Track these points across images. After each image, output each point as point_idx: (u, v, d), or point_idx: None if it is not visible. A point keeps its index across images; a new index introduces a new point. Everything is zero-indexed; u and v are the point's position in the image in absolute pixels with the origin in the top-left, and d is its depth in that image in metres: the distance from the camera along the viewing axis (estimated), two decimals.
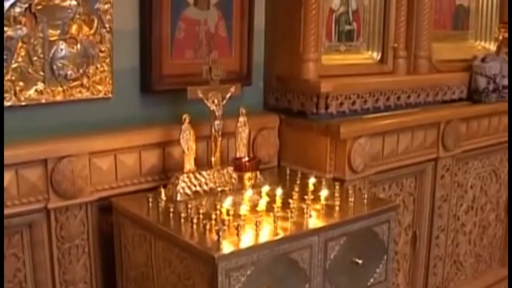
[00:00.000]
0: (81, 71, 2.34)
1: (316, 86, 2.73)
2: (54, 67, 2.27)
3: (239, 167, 2.42)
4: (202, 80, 2.44)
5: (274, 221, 2.09)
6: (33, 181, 2.23)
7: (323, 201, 2.27)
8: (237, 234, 1.98)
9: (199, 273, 1.96)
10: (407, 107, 3.16)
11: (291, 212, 2.15)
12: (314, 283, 2.18)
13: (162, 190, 2.33)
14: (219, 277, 1.89)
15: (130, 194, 2.45)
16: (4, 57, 2.15)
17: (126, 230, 2.32)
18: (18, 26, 2.16)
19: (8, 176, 2.17)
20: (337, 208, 2.30)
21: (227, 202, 2.17)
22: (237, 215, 2.09)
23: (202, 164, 2.54)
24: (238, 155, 2.55)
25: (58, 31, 2.26)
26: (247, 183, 2.41)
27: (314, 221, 2.18)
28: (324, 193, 2.29)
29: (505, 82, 3.53)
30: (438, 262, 3.49)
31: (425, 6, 3.18)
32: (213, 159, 2.49)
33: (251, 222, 2.07)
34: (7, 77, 2.17)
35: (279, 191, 2.29)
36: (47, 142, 2.26)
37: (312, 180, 2.44)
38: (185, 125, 2.40)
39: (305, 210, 2.18)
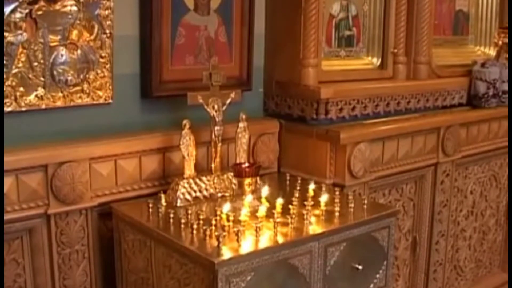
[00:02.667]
0: (81, 76, 2.35)
1: (316, 91, 2.73)
2: (55, 72, 2.28)
3: (239, 173, 2.42)
4: (202, 85, 2.44)
5: (274, 227, 2.09)
6: (33, 187, 2.23)
7: (323, 207, 2.27)
8: (237, 240, 1.98)
9: (199, 279, 1.96)
10: (407, 112, 3.16)
11: (291, 217, 2.15)
12: None
13: (162, 196, 2.34)
14: (219, 283, 1.89)
15: (130, 200, 2.45)
16: (5, 62, 2.15)
17: (126, 236, 2.32)
18: (19, 32, 2.17)
19: (8, 181, 2.17)
20: (337, 213, 2.30)
21: (227, 208, 2.17)
22: (237, 221, 2.09)
23: (202, 169, 2.54)
24: (238, 161, 2.55)
25: (59, 37, 2.27)
26: (247, 188, 2.41)
27: (314, 227, 2.18)
28: (324, 198, 2.29)
29: (505, 87, 3.53)
30: (438, 267, 3.48)
31: (425, 11, 3.19)
32: (213, 164, 2.49)
33: (251, 228, 2.07)
34: (7, 83, 2.17)
35: (279, 197, 2.29)
36: (48, 147, 2.26)
37: (312, 186, 2.44)
38: (185, 131, 2.40)
39: (305, 216, 2.18)
